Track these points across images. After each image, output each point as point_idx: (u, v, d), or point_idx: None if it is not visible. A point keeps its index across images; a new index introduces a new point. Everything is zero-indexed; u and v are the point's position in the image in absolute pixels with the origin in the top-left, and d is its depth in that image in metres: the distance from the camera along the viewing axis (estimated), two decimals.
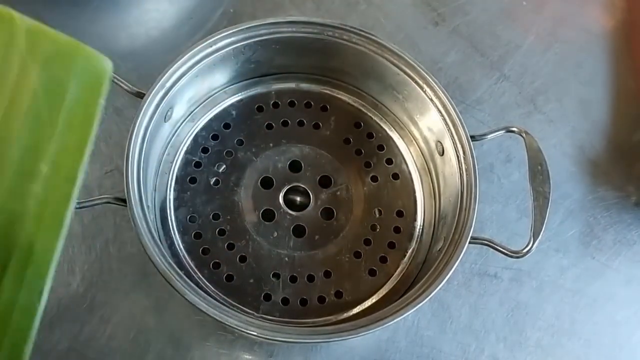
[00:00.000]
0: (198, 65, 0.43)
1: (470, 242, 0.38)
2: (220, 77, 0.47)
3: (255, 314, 0.41)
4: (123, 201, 0.38)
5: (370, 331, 0.35)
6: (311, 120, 0.48)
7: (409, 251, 0.44)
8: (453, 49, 0.58)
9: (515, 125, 0.43)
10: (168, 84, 0.42)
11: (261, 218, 0.44)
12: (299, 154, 0.47)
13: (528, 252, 0.39)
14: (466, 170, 0.41)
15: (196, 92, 0.46)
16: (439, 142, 0.44)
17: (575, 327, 0.47)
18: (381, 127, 0.49)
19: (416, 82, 0.44)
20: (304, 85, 0.49)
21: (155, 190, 0.44)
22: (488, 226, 0.50)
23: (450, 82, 0.56)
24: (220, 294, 0.42)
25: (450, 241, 0.39)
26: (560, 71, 0.58)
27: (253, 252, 0.43)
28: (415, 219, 0.46)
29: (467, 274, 0.48)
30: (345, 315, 0.42)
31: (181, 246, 0.43)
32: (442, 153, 0.44)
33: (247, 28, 0.44)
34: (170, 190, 0.45)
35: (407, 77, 0.45)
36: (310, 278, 0.43)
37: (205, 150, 0.46)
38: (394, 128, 0.49)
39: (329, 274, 0.43)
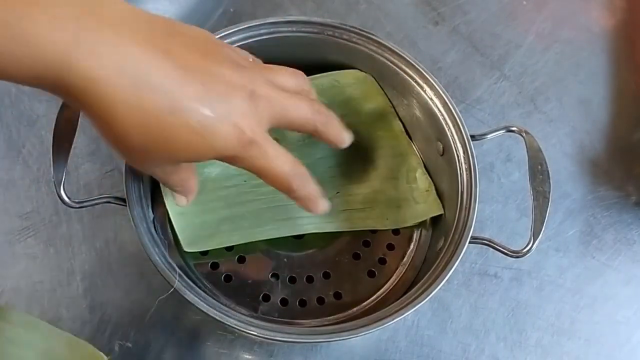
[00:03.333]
0: None
1: (470, 242, 0.38)
2: None
3: (254, 314, 0.41)
4: (123, 201, 0.38)
5: (370, 331, 0.35)
6: None
7: (408, 252, 0.44)
8: (453, 48, 0.58)
9: (515, 124, 0.43)
10: None
11: None
12: None
13: (528, 251, 0.39)
14: (466, 170, 0.41)
15: None
16: (439, 142, 0.44)
17: (575, 327, 0.47)
18: None
19: (416, 82, 0.44)
20: None
21: (154, 189, 0.44)
22: (488, 226, 0.50)
23: (450, 81, 0.56)
24: (219, 294, 0.42)
25: (450, 241, 0.39)
26: (560, 71, 0.58)
27: (252, 253, 0.43)
28: None
29: (467, 273, 0.48)
30: (345, 316, 0.42)
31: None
32: (442, 153, 0.44)
33: (247, 28, 0.44)
34: None
35: (407, 76, 0.45)
36: (309, 279, 0.43)
37: None
38: None
39: (328, 275, 0.43)
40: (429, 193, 0.44)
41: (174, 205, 0.42)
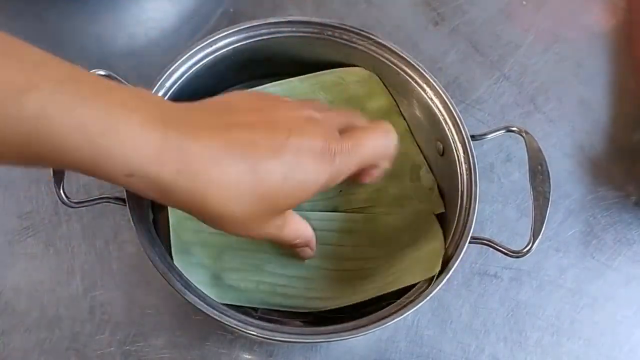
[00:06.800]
0: (198, 65, 0.43)
1: (470, 242, 0.38)
2: (220, 78, 0.47)
3: (254, 313, 0.41)
4: (123, 201, 0.38)
5: (370, 331, 0.35)
6: None
7: None
8: (453, 48, 0.58)
9: (515, 124, 0.43)
10: (168, 84, 0.42)
11: None
12: None
13: (528, 251, 0.39)
14: (466, 170, 0.41)
15: (196, 93, 0.46)
16: (438, 142, 0.44)
17: (575, 327, 0.47)
18: None
19: (416, 82, 0.44)
20: None
21: None
22: (488, 226, 0.50)
23: (450, 81, 0.56)
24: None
25: (450, 241, 0.39)
26: (560, 71, 0.58)
27: None
28: None
29: (467, 273, 0.48)
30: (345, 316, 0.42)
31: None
32: (442, 153, 0.44)
33: (247, 28, 0.44)
34: None
35: (407, 77, 0.45)
36: None
37: None
38: None
39: None
40: (432, 191, 0.44)
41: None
